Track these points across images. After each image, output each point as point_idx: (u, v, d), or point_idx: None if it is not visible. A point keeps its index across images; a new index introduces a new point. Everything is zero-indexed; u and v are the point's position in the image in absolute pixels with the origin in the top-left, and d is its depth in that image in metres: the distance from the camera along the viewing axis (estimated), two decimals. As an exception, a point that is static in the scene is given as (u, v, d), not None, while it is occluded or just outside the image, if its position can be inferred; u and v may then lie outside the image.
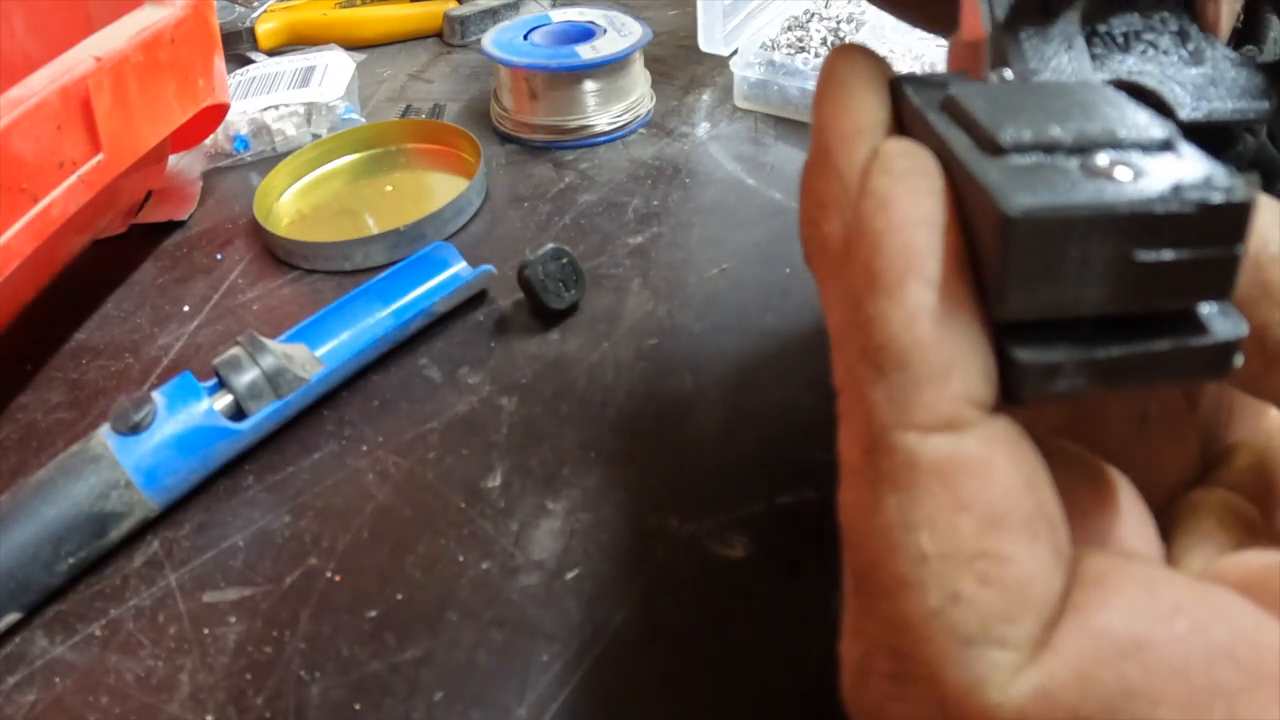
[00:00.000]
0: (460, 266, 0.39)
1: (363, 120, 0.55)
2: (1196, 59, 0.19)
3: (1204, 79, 0.19)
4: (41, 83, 0.33)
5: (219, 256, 0.46)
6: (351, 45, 0.64)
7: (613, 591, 0.28)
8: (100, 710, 0.27)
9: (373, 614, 0.28)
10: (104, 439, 0.30)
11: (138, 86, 0.37)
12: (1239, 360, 0.14)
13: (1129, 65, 0.19)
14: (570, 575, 0.29)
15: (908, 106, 0.17)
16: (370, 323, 0.37)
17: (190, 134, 0.47)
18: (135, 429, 0.30)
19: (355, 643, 0.28)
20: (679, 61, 0.60)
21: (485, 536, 0.30)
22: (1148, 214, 0.12)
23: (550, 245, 0.39)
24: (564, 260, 0.39)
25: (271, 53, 0.64)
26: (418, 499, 0.32)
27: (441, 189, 0.49)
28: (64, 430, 0.36)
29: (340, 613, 0.29)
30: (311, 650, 0.28)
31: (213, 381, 0.33)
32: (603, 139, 0.52)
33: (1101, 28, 0.19)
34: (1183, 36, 0.19)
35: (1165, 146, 0.14)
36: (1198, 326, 0.14)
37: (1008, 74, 0.18)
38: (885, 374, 0.13)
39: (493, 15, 0.66)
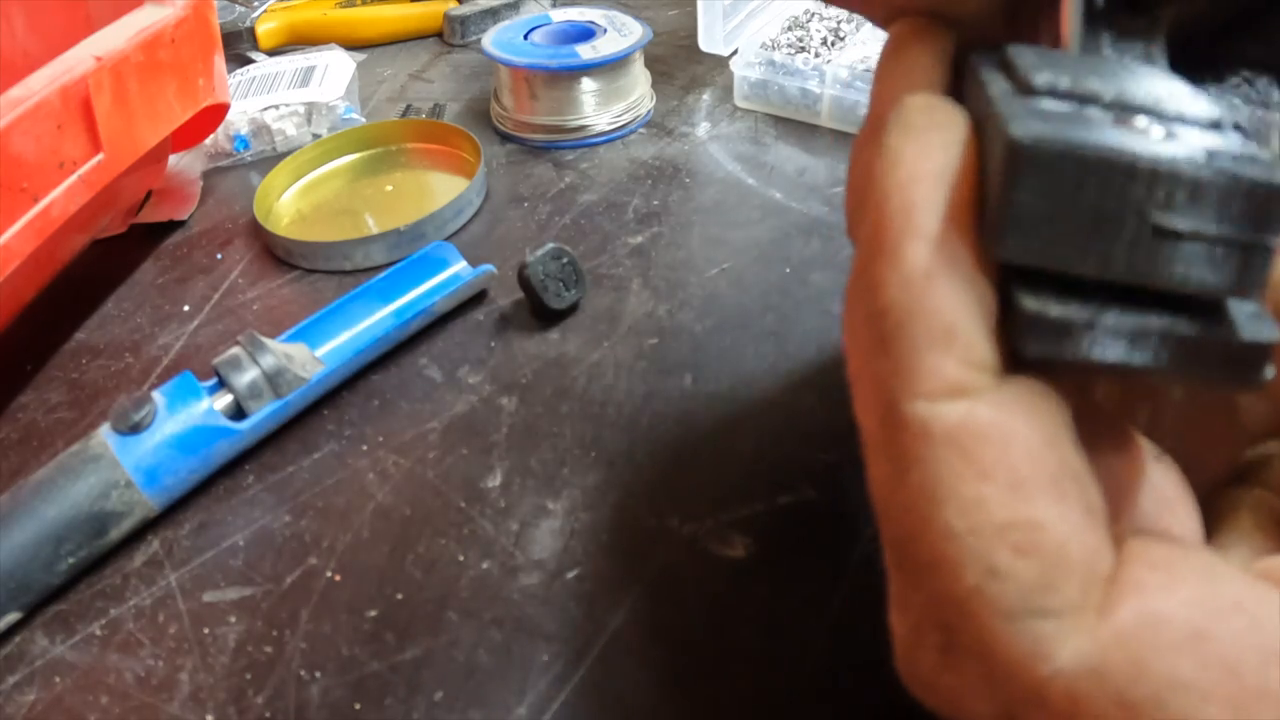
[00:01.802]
0: (460, 266, 0.39)
1: (363, 120, 0.55)
2: None
3: None
4: (41, 82, 0.33)
5: (219, 256, 0.46)
6: (351, 45, 0.64)
7: (613, 591, 0.28)
8: (100, 710, 0.27)
9: (373, 614, 0.28)
10: (104, 439, 0.30)
11: (138, 86, 0.37)
12: (1270, 371, 0.13)
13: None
14: (570, 575, 0.29)
15: (970, 70, 0.15)
16: (370, 323, 0.37)
17: (190, 134, 0.47)
18: (135, 429, 0.30)
19: (355, 643, 0.28)
20: (679, 61, 0.60)
21: (485, 536, 0.30)
22: (1172, 172, 0.12)
23: (550, 245, 0.39)
24: (564, 260, 0.39)
25: (272, 53, 0.64)
26: (418, 499, 0.32)
27: (441, 189, 0.49)
28: (64, 430, 0.36)
29: (340, 613, 0.29)
30: (311, 650, 0.28)
31: (213, 381, 0.33)
32: (603, 139, 0.52)
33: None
34: None
35: (1213, 125, 0.13)
36: (1224, 321, 0.13)
37: None
38: (887, 340, 0.13)
39: (493, 15, 0.66)
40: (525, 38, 0.53)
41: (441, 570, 0.30)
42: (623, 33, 0.52)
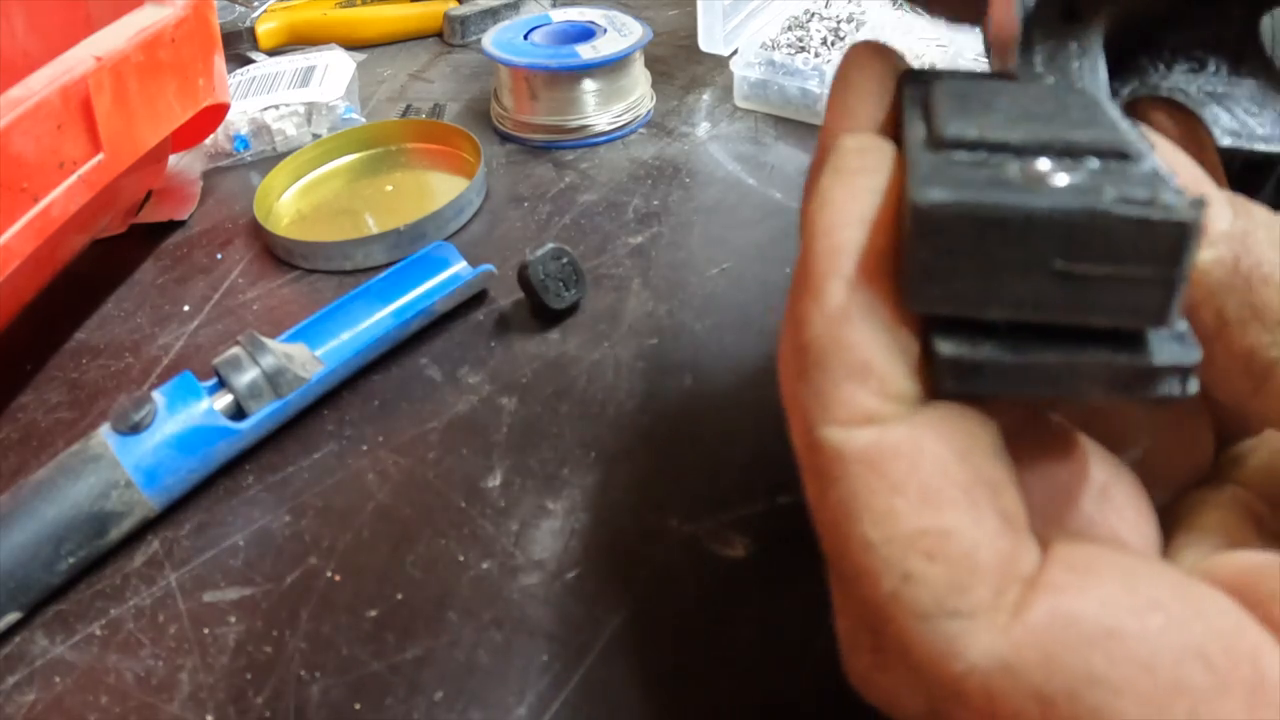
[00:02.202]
0: (460, 266, 0.39)
1: (363, 120, 0.55)
2: (1248, 82, 0.18)
3: (1254, 104, 0.17)
4: (41, 83, 0.33)
5: (219, 256, 0.46)
6: (351, 45, 0.64)
7: (613, 591, 0.28)
8: (100, 710, 0.27)
9: (373, 614, 0.28)
10: (104, 439, 0.30)
11: (138, 86, 0.37)
12: (1192, 386, 0.13)
13: (1170, 81, 0.18)
14: (570, 575, 0.29)
15: (899, 102, 0.16)
16: (370, 323, 0.37)
17: (190, 134, 0.47)
18: (135, 429, 0.30)
19: (355, 643, 0.28)
20: (679, 61, 0.60)
21: (485, 536, 0.30)
22: (1069, 221, 0.12)
23: (550, 245, 0.39)
24: (564, 260, 0.39)
25: (271, 53, 0.64)
26: (418, 499, 0.32)
27: (441, 189, 0.49)
28: (64, 430, 0.36)
29: (340, 613, 0.29)
30: (311, 650, 0.28)
31: (213, 381, 0.33)
32: (603, 139, 0.52)
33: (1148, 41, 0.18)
34: (1238, 57, 0.18)
35: (1122, 156, 0.13)
36: (1137, 346, 0.13)
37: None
38: (809, 372, 0.14)
39: (493, 15, 0.66)
40: (525, 38, 0.53)
41: (441, 570, 0.30)
42: (623, 33, 0.52)
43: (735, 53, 0.55)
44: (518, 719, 0.25)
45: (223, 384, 0.33)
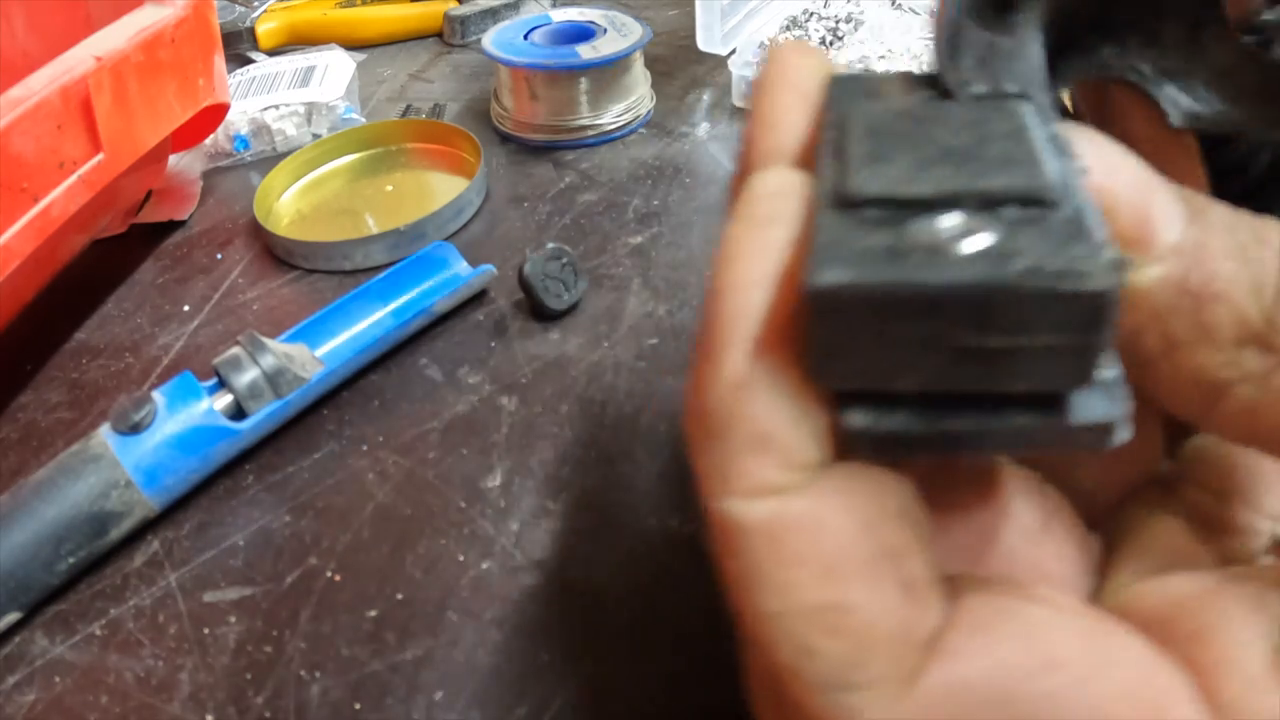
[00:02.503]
0: (460, 266, 0.39)
1: (363, 120, 0.55)
2: (1212, 51, 0.16)
3: (1212, 76, 0.16)
4: (41, 83, 0.33)
5: (219, 256, 0.46)
6: (351, 45, 0.64)
7: (613, 591, 0.28)
8: (100, 710, 0.27)
9: (373, 614, 0.28)
10: (104, 439, 0.30)
11: (138, 86, 0.37)
12: (1121, 436, 0.12)
13: (1125, 59, 0.17)
14: (570, 575, 0.29)
15: (817, 128, 0.15)
16: (370, 323, 0.37)
17: (190, 134, 0.47)
18: (135, 429, 0.30)
19: (355, 643, 0.28)
20: (679, 61, 0.60)
21: (485, 536, 0.30)
22: (968, 298, 0.11)
23: (550, 245, 0.39)
24: (564, 260, 0.39)
25: (271, 53, 0.64)
26: (418, 499, 0.32)
27: (441, 189, 0.49)
28: (64, 430, 0.36)
29: (340, 613, 0.29)
30: (311, 650, 0.28)
31: (213, 381, 0.33)
32: (603, 139, 0.52)
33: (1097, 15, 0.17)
34: (1196, 23, 0.16)
35: (1041, 203, 0.12)
36: (1056, 406, 0.12)
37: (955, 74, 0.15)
38: (708, 442, 0.13)
39: (493, 15, 0.66)
40: (525, 38, 0.53)
41: (441, 570, 0.30)
42: (623, 33, 0.52)
43: (734, 52, 0.55)
44: (518, 719, 0.25)
45: (223, 384, 0.33)
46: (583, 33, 0.53)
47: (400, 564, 0.30)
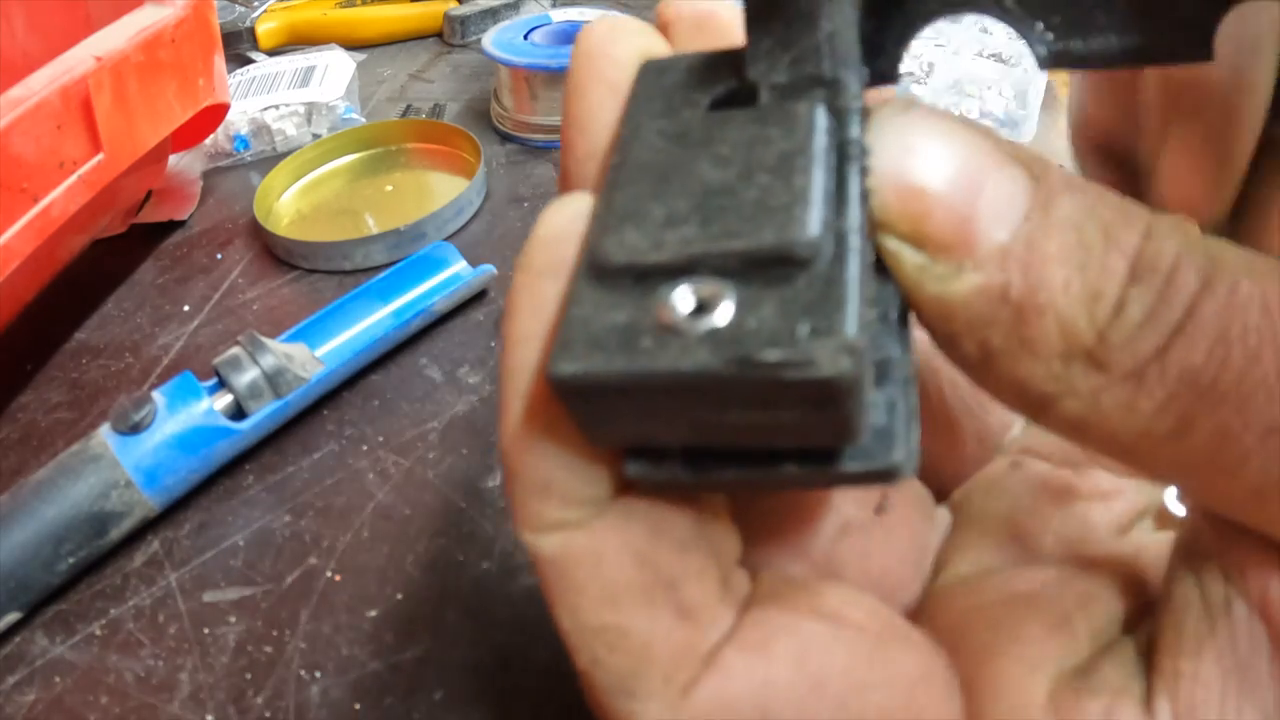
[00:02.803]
0: (460, 266, 0.39)
1: (363, 120, 0.55)
2: None
3: (1097, 5, 0.14)
4: (42, 83, 0.33)
5: (219, 256, 0.46)
6: (351, 45, 0.64)
7: (613, 591, 0.28)
8: (100, 710, 0.27)
9: (373, 614, 0.28)
10: (104, 439, 0.30)
11: (138, 86, 0.37)
12: (905, 474, 0.12)
13: None
14: (570, 575, 0.29)
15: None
16: (370, 323, 0.37)
17: (190, 134, 0.47)
18: (135, 429, 0.30)
19: (355, 642, 0.28)
20: (679, 61, 0.60)
21: (485, 536, 0.30)
22: (698, 384, 0.11)
23: (550, 245, 0.39)
24: (564, 260, 0.39)
25: (271, 53, 0.64)
26: (418, 499, 0.32)
27: (441, 189, 0.49)
28: (64, 430, 0.36)
29: (340, 612, 0.29)
30: (311, 650, 0.28)
31: (213, 381, 0.33)
32: (603, 139, 0.52)
33: None
34: None
35: (791, 262, 0.11)
36: (828, 456, 0.12)
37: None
38: (507, 479, 0.14)
39: (493, 15, 0.66)
40: (525, 38, 0.53)
41: (441, 570, 0.30)
42: (623, 33, 0.52)
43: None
44: (517, 719, 0.25)
45: (223, 384, 0.33)
46: (583, 33, 0.53)
47: (400, 564, 0.30)
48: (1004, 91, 0.48)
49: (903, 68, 0.15)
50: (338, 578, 0.30)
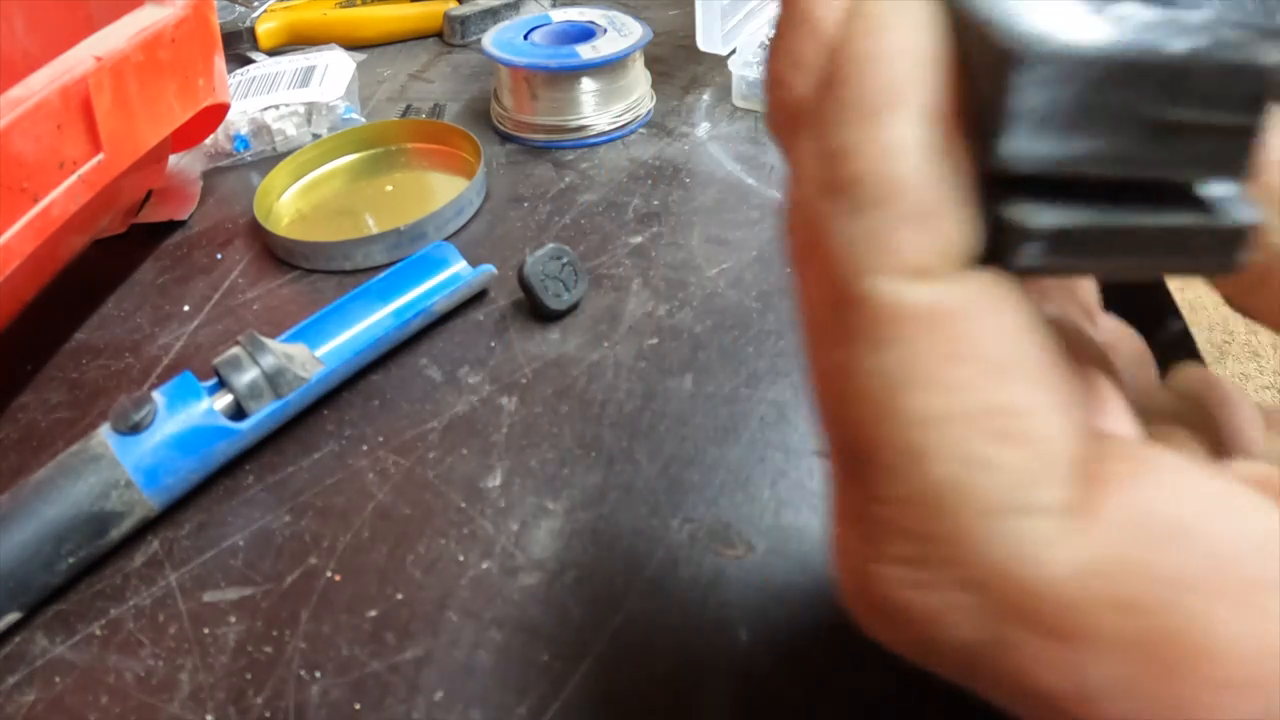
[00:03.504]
0: (460, 266, 0.39)
1: (363, 120, 0.55)
2: None
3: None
4: (41, 82, 0.33)
5: (219, 256, 0.46)
6: (351, 45, 0.64)
7: (613, 592, 0.28)
8: (100, 710, 0.27)
9: (373, 614, 0.28)
10: (104, 439, 0.30)
11: (138, 86, 0.37)
12: (1247, 254, 0.12)
13: None
14: (570, 575, 0.29)
15: None
16: (370, 323, 0.37)
17: (190, 134, 0.47)
18: (135, 429, 0.30)
19: (355, 643, 0.28)
20: (679, 61, 0.60)
21: (485, 536, 0.30)
22: (1177, 66, 0.11)
23: (550, 245, 0.39)
24: (564, 260, 0.39)
25: (271, 53, 0.64)
26: (418, 499, 0.32)
27: (441, 189, 0.49)
28: (64, 430, 0.36)
29: (340, 613, 0.29)
30: (311, 650, 0.28)
31: (213, 381, 0.33)
32: (603, 139, 0.52)
33: None
34: None
35: None
36: (1208, 208, 0.12)
37: None
38: (858, 210, 0.11)
39: (493, 15, 0.66)
40: (525, 38, 0.53)
41: (441, 570, 0.30)
42: (623, 33, 0.52)
43: (734, 52, 0.55)
44: (517, 719, 0.25)
45: (223, 384, 0.33)
46: (583, 33, 0.53)
47: (400, 564, 0.30)
48: None
49: None
50: (338, 578, 0.30)
